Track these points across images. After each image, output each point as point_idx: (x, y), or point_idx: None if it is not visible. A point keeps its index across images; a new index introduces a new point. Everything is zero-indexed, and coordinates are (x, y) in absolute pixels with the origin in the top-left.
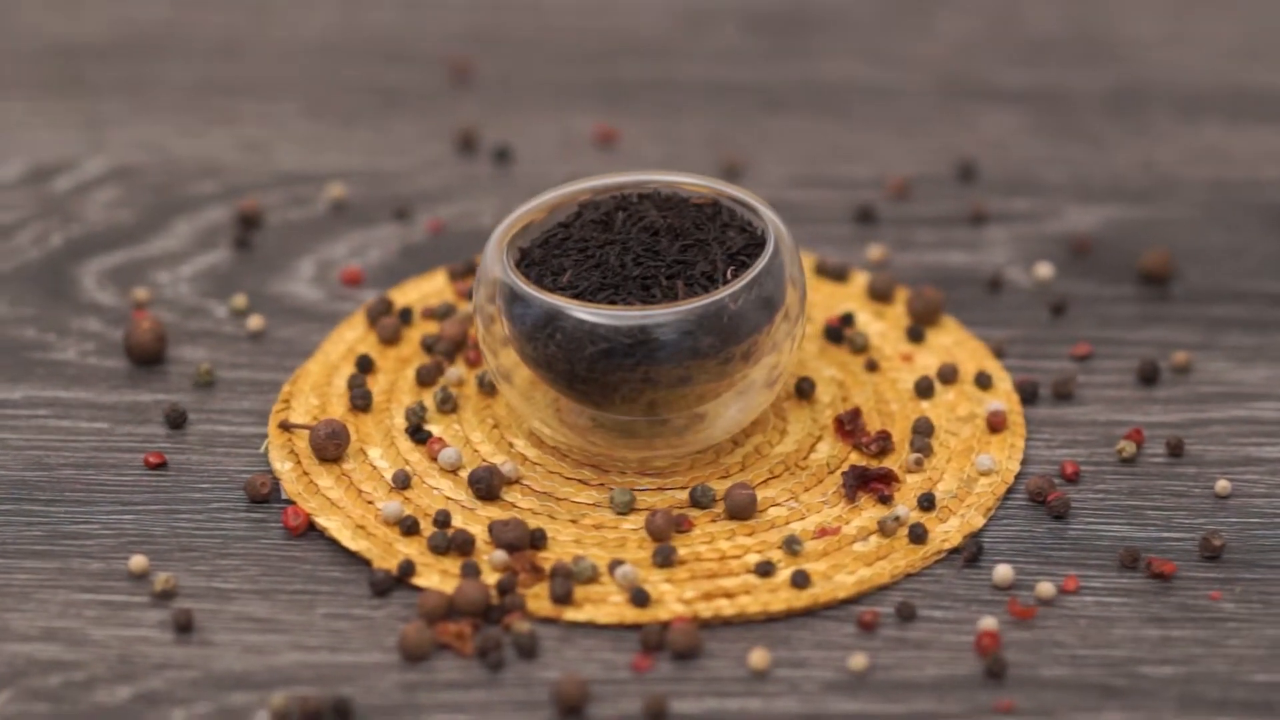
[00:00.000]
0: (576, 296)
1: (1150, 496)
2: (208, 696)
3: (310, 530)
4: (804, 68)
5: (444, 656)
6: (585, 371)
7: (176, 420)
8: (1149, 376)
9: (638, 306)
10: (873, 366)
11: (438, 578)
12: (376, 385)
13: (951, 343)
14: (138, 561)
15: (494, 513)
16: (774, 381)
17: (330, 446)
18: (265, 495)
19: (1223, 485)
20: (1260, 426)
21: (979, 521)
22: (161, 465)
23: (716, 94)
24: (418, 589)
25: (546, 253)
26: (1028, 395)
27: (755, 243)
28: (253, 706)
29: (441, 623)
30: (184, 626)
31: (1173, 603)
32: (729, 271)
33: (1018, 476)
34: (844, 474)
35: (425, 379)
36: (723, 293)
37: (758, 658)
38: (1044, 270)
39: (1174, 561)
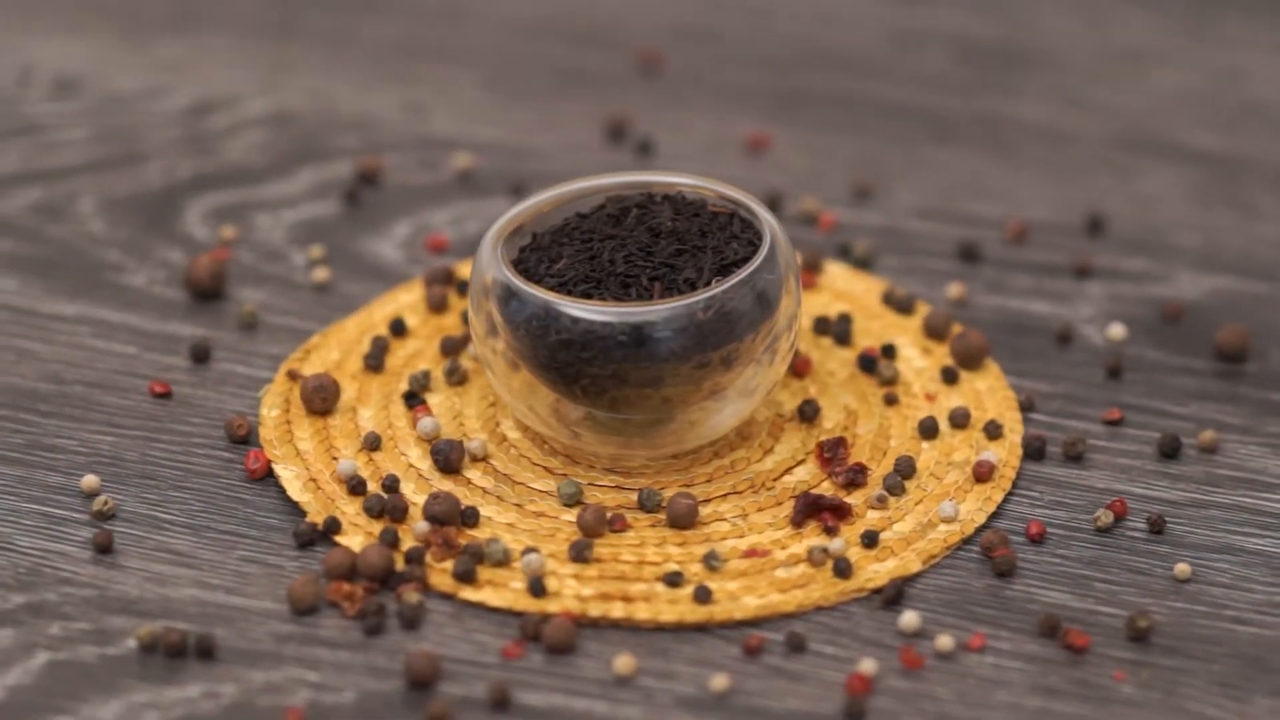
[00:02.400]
0: (556, 287)
1: (1108, 569)
2: (90, 617)
3: (269, 476)
4: (994, 102)
5: (332, 615)
6: (547, 359)
7: (200, 355)
8: (1169, 451)
9: (607, 302)
10: (891, 400)
11: (360, 539)
12: (404, 350)
13: (985, 389)
14: (89, 480)
15: (449, 486)
16: (753, 392)
17: (317, 399)
18: (242, 436)
19: (1182, 569)
20: (1259, 518)
21: (915, 567)
22: (165, 395)
23: (890, 116)
24: (341, 546)
25: (554, 239)
26: (1033, 451)
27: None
28: (127, 632)
29: (338, 581)
30: (103, 548)
31: (1072, 677)
32: (712, 281)
33: (981, 528)
34: (795, 499)
35: (449, 349)
36: (690, 299)
37: (623, 663)
38: (1116, 331)
39: (1094, 636)
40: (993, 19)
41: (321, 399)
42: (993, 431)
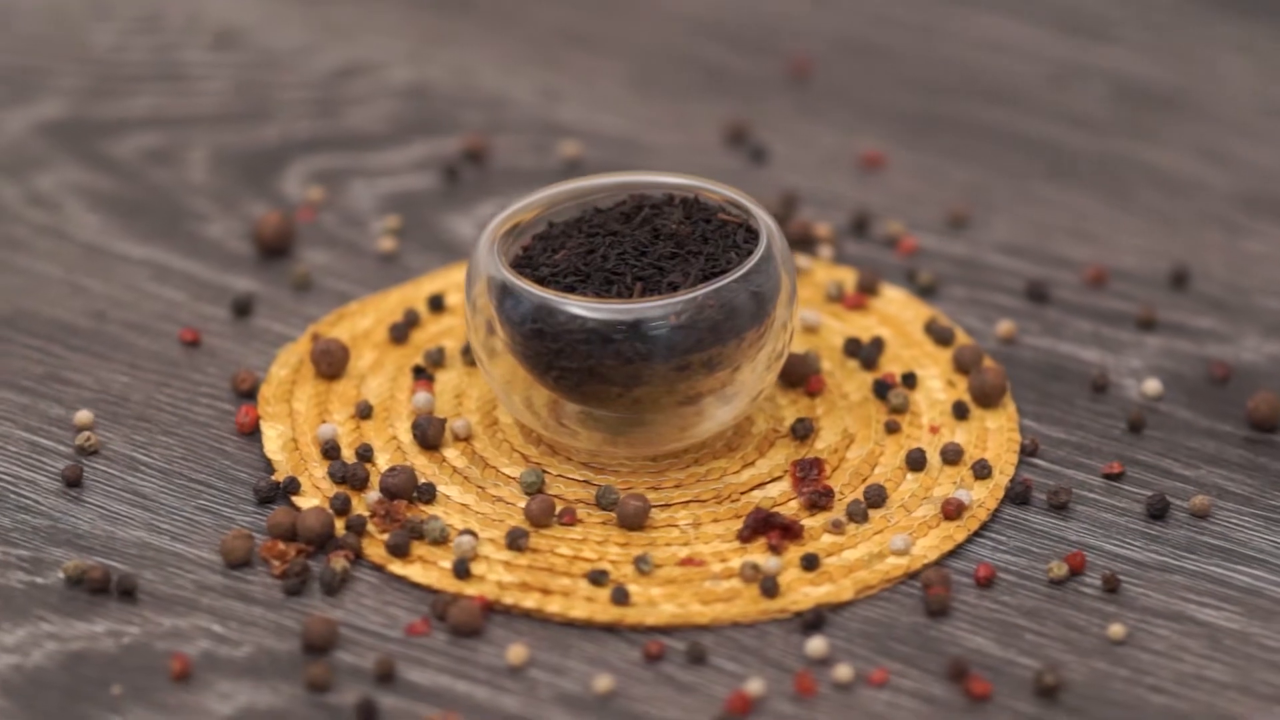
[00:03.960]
0: (548, 277)
1: (1044, 621)
2: (34, 546)
3: (256, 432)
4: (1127, 145)
5: (263, 572)
6: (522, 347)
7: (241, 309)
8: (1156, 512)
9: (586, 298)
10: (892, 428)
11: (317, 501)
12: (436, 326)
13: (994, 428)
14: (82, 416)
15: (423, 461)
16: (732, 399)
17: (323, 363)
18: (246, 391)
19: (1115, 630)
20: (1221, 590)
21: (846, 595)
22: (193, 343)
23: (1017, 148)
24: (295, 507)
25: (564, 230)
26: (1017, 495)
27: None
28: (61, 564)
29: (275, 540)
30: (71, 482)
31: None
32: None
33: (932, 566)
34: (748, 515)
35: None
36: (665, 301)
37: (515, 653)
38: (1152, 386)
39: (1001, 687)
40: (1163, 61)
41: (327, 363)
42: (980, 471)
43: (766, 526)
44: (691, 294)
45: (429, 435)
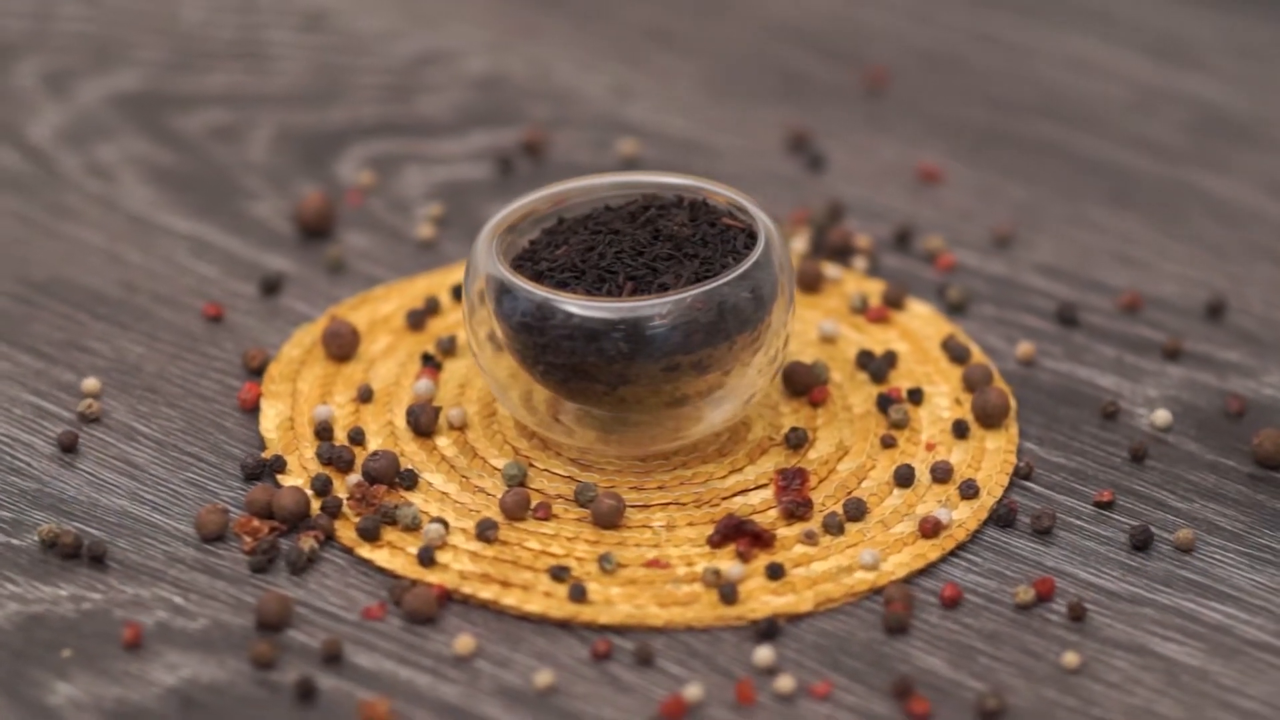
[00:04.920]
0: (545, 271)
1: (1001, 646)
2: (17, 508)
3: (256, 409)
4: (1194, 173)
5: (235, 547)
6: (511, 340)
7: (269, 287)
8: (1139, 543)
9: (576, 295)
10: (888, 443)
11: (300, 481)
12: (457, 314)
13: (992, 449)
14: (89, 383)
15: (414, 448)
16: (722, 403)
17: (332, 345)
18: (255, 368)
19: (1070, 658)
20: (1189, 625)
21: (806, 607)
22: (216, 318)
23: (1081, 170)
24: (278, 485)
25: (571, 226)
26: (1000, 518)
27: None
28: (38, 527)
29: (249, 517)
30: (66, 447)
31: None
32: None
33: (901, 583)
34: (719, 521)
35: None
36: (651, 301)
37: (462, 643)
38: (1161, 416)
39: (945, 709)
40: (1247, 90)
41: (337, 345)
42: (967, 491)
43: (737, 533)
44: (680, 295)
45: (422, 422)
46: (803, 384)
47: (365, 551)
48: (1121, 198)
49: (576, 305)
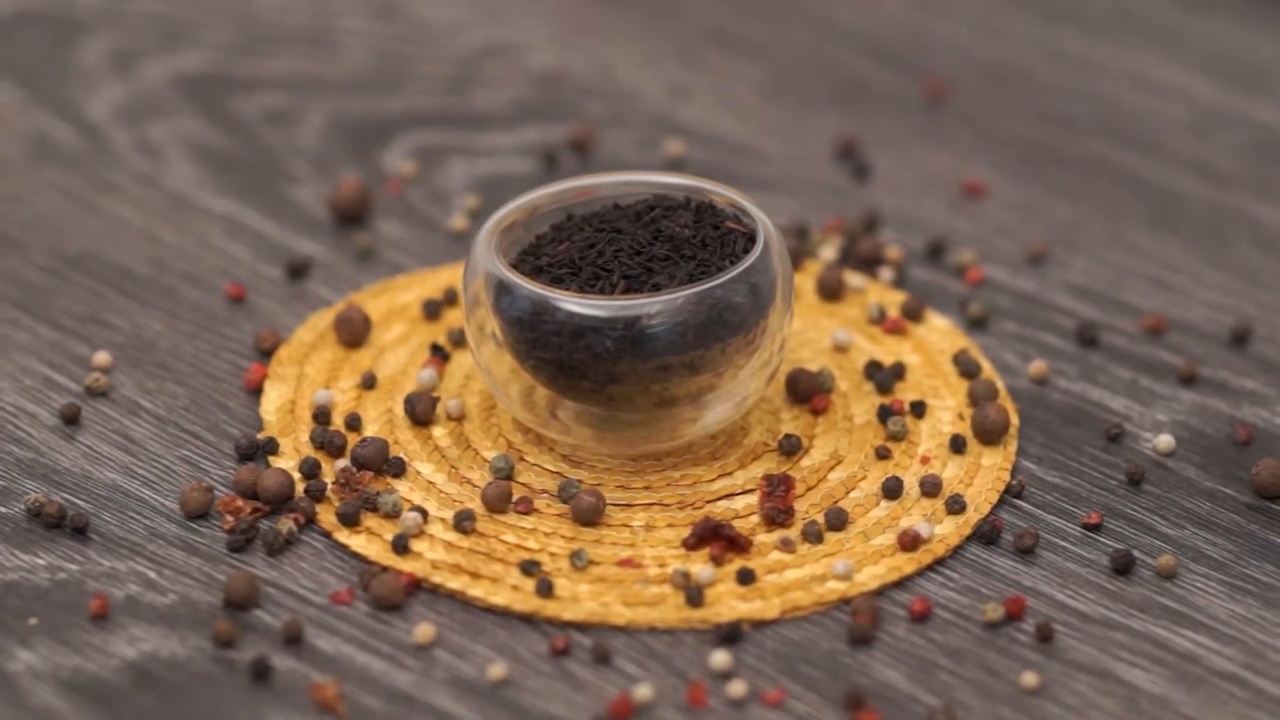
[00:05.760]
0: (544, 266)
1: (963, 663)
2: (11, 477)
3: (261, 390)
4: (1244, 199)
5: (216, 525)
6: (502, 333)
7: (295, 271)
8: (1120, 567)
9: (568, 292)
10: (883, 455)
11: (291, 463)
12: None
13: (987, 465)
14: (100, 357)
15: (408, 437)
16: (714, 405)
17: (343, 330)
18: (267, 349)
19: (1028, 679)
20: (1157, 652)
21: (772, 614)
22: (238, 299)
23: (1128, 189)
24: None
25: (577, 224)
26: (984, 535)
27: None
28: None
29: (234, 497)
30: (69, 419)
31: None
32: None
33: (873, 594)
34: (696, 524)
35: None
36: (641, 300)
37: (421, 632)
38: (1164, 441)
39: (887, 719)
40: None
41: (348, 331)
42: (953, 506)
43: (713, 536)
44: (671, 295)
45: (418, 411)
46: (805, 391)
47: (343, 536)
48: (1166, 220)
49: (567, 302)
